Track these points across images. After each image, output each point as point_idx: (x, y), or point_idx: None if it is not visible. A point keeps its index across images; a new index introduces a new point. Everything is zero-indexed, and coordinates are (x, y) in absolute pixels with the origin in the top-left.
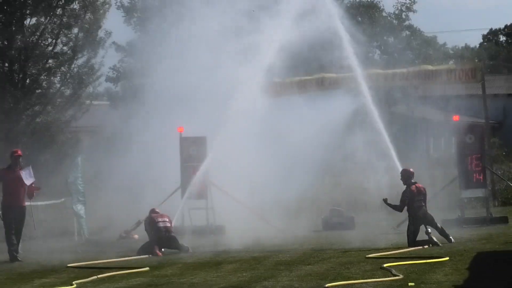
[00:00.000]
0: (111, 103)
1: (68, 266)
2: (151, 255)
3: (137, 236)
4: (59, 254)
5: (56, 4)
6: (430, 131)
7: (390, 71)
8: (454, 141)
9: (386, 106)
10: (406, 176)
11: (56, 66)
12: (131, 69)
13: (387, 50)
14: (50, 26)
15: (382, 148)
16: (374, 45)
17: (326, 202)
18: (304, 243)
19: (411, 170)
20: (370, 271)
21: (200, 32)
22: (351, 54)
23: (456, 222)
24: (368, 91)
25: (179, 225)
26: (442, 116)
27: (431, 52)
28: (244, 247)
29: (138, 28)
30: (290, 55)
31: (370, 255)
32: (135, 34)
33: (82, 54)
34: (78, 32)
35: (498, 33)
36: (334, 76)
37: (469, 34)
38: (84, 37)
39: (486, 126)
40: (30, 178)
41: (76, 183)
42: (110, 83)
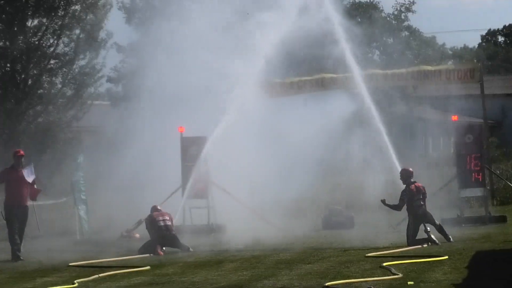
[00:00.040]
0: (112, 103)
1: (69, 265)
2: (152, 254)
3: (138, 235)
4: (61, 253)
5: (57, 5)
6: (429, 131)
7: (390, 71)
8: (453, 140)
9: (386, 106)
10: (406, 175)
11: (57, 66)
12: (132, 69)
13: (386, 51)
14: (51, 27)
15: (381, 148)
16: (374, 45)
17: (325, 202)
18: (304, 242)
19: (411, 169)
20: (369, 270)
21: (199, 30)
22: (349, 54)
23: (455, 221)
24: (367, 91)
25: (180, 224)
26: (441, 116)
27: (430, 52)
28: (244, 246)
29: (139, 28)
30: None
31: (369, 254)
32: (136, 34)
33: (84, 55)
34: (79, 33)
35: (497, 33)
36: (334, 76)
37: (467, 34)
38: (85, 38)
39: (484, 126)
40: (31, 176)
41: (78, 183)
42: (111, 84)
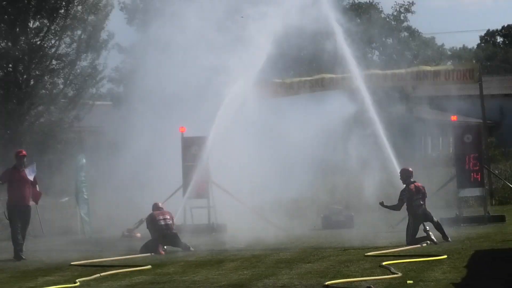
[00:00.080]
0: (114, 104)
1: (71, 264)
2: (154, 254)
3: (139, 234)
4: (63, 252)
5: (59, 6)
6: (428, 131)
7: (389, 72)
8: (452, 140)
9: (385, 106)
10: (405, 175)
11: (59, 67)
12: (133, 69)
13: (386, 51)
14: (53, 28)
15: (380, 148)
16: (373, 46)
17: (325, 201)
18: (304, 242)
19: (410, 169)
20: (369, 269)
21: (197, 29)
22: (348, 54)
23: (454, 221)
24: (366, 91)
25: (181, 223)
26: (440, 116)
27: (429, 53)
28: (245, 246)
29: (139, 29)
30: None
31: (369, 253)
32: (137, 35)
33: (86, 56)
34: (81, 33)
35: (495, 34)
36: (334, 76)
37: (466, 35)
38: (87, 38)
39: (483, 126)
40: (32, 173)
41: (80, 183)
42: (112, 84)
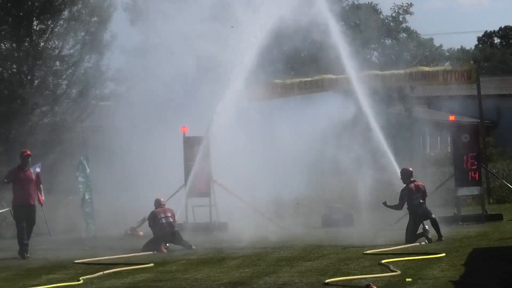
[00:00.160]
0: (116, 104)
1: (75, 262)
2: (156, 252)
3: (142, 233)
4: (67, 250)
5: (63, 8)
6: (427, 131)
7: (388, 72)
8: (450, 140)
9: (384, 106)
10: (406, 175)
11: (63, 68)
12: (135, 70)
13: (385, 52)
14: (57, 30)
15: (379, 147)
16: (372, 47)
17: (325, 200)
18: (304, 240)
19: (410, 169)
20: (368, 267)
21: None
22: (344, 54)
23: (452, 219)
24: (364, 92)
25: (183, 222)
26: (438, 116)
27: (428, 54)
28: (246, 244)
29: (142, 29)
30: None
31: (368, 251)
32: (139, 36)
33: (89, 57)
34: (84, 35)
35: (493, 35)
36: (333, 77)
37: (464, 36)
38: (90, 40)
39: (481, 126)
40: (37, 170)
41: (83, 182)
42: (115, 85)
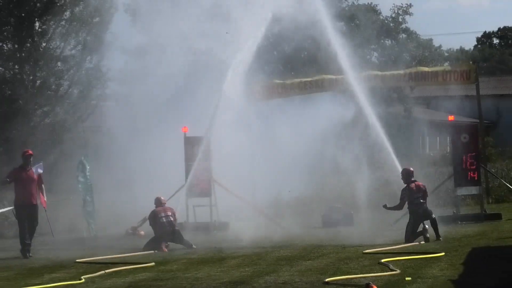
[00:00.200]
0: (117, 104)
1: (76, 261)
2: (157, 251)
3: (143, 232)
4: (68, 250)
5: (64, 8)
6: (426, 131)
7: (388, 73)
8: (449, 140)
9: (384, 106)
10: (407, 175)
11: (64, 69)
12: (135, 70)
13: (384, 52)
14: (58, 31)
15: (382, 146)
16: (372, 47)
17: (325, 200)
18: (304, 239)
19: (411, 169)
20: (368, 266)
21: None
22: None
23: (451, 218)
24: (365, 92)
25: (184, 221)
26: (437, 116)
27: (427, 54)
28: (246, 243)
29: (143, 30)
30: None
31: (367, 251)
32: (141, 36)
33: (90, 57)
34: (86, 36)
35: (492, 35)
36: (333, 77)
37: (463, 37)
38: (92, 40)
39: (480, 126)
40: (39, 171)
41: (84, 181)
42: (116, 85)
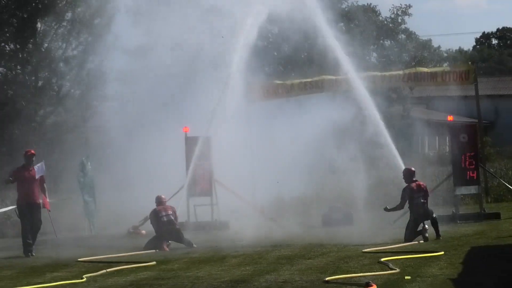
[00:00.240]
0: (119, 104)
1: (78, 260)
2: (158, 250)
3: (144, 231)
4: (70, 249)
5: (66, 9)
6: (425, 131)
7: (387, 73)
8: (448, 140)
9: (383, 106)
10: (408, 175)
11: (66, 69)
12: (136, 70)
13: (383, 53)
14: (60, 31)
15: (385, 146)
16: (371, 48)
17: (325, 199)
18: (304, 239)
19: (413, 169)
20: (368, 265)
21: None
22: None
23: (450, 218)
24: (365, 91)
25: (185, 221)
26: (436, 116)
27: (426, 54)
28: (247, 242)
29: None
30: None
31: (367, 250)
32: (142, 37)
33: (92, 58)
34: (87, 36)
35: (491, 36)
36: (333, 78)
37: (462, 37)
38: (93, 41)
39: (479, 126)
40: (41, 172)
41: (83, 181)
42: (118, 85)
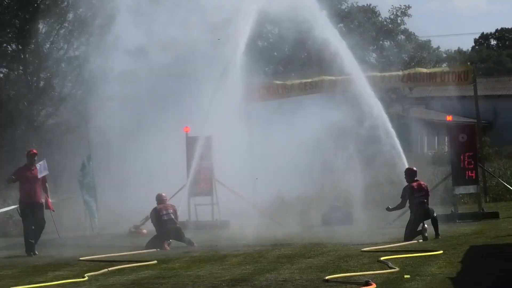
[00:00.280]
0: (120, 104)
1: (80, 259)
2: (159, 249)
3: (145, 231)
4: (72, 248)
5: (68, 10)
6: (424, 131)
7: (387, 74)
8: (447, 140)
9: (382, 106)
10: (410, 174)
11: (68, 69)
12: (137, 70)
13: (383, 54)
14: (62, 32)
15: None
16: (371, 48)
17: (325, 199)
18: (304, 238)
19: (414, 169)
20: (367, 264)
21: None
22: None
23: (449, 217)
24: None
25: (185, 220)
26: (435, 116)
27: (425, 55)
28: (247, 241)
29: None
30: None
31: (365, 249)
32: (143, 37)
33: (94, 59)
34: (88, 37)
35: (489, 37)
36: (333, 78)
37: (461, 38)
38: (94, 42)
39: (478, 126)
40: (44, 171)
41: (82, 180)
42: (118, 85)
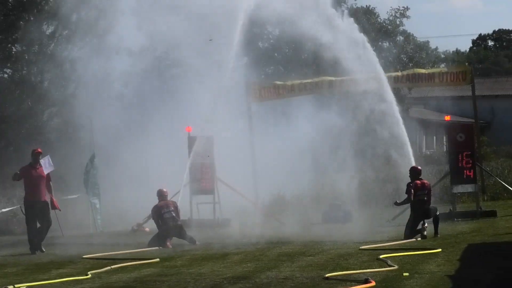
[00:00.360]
0: (123, 104)
1: (83, 257)
2: (161, 247)
3: (148, 229)
4: (75, 246)
5: (71, 11)
6: (423, 130)
7: (386, 74)
8: (445, 139)
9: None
10: (414, 173)
11: (72, 70)
12: (138, 70)
13: (382, 55)
14: (66, 33)
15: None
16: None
17: (325, 197)
18: (305, 236)
19: (419, 167)
20: (367, 262)
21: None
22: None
23: (448, 215)
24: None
25: (187, 218)
26: (434, 116)
27: (424, 56)
28: (248, 240)
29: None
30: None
31: (366, 247)
32: (145, 38)
33: (97, 59)
34: (92, 38)
35: (487, 38)
36: (333, 79)
37: (459, 39)
38: (98, 43)
39: (476, 126)
40: (49, 167)
41: (91, 179)
42: (121, 86)
